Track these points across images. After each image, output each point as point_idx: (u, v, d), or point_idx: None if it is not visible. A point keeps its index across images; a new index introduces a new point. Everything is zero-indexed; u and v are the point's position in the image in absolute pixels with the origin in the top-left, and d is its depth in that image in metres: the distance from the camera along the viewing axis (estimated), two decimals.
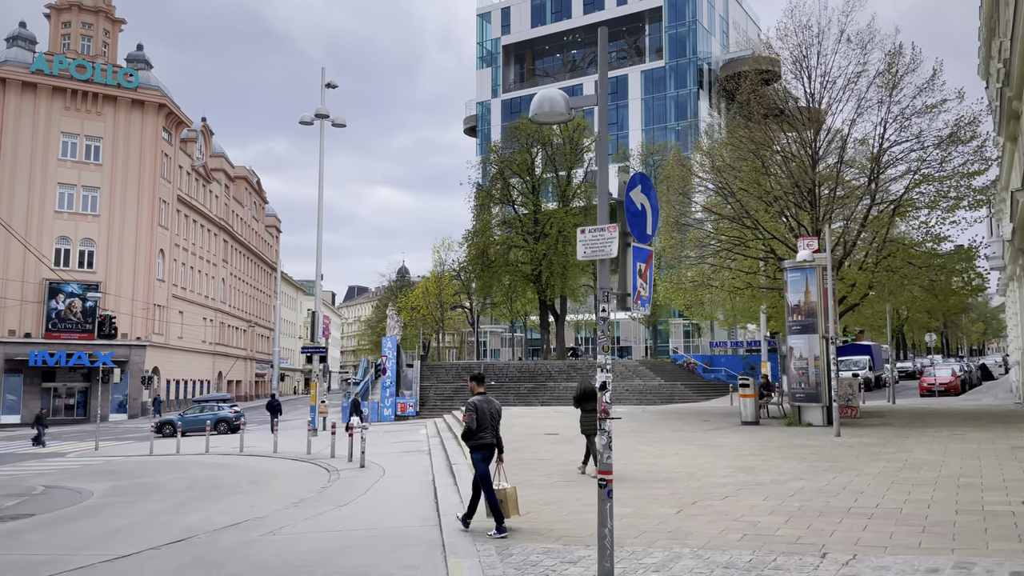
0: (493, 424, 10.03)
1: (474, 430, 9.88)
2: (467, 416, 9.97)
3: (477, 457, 9.94)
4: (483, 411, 9.96)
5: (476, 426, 9.86)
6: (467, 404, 10.06)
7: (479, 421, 9.89)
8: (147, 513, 14.05)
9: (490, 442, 9.99)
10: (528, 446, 18.87)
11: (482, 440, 9.93)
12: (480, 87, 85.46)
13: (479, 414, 9.90)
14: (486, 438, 9.95)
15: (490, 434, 9.97)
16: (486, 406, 10.03)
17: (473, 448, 10.00)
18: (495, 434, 10.06)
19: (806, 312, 22.24)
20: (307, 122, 32.67)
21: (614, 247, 7.44)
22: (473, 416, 9.88)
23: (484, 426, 9.92)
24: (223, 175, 77.04)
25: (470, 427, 9.89)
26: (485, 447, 9.96)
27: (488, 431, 9.95)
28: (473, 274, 55.52)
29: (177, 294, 63.74)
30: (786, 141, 26.78)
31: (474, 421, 9.87)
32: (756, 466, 14.36)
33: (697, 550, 8.36)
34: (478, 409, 9.91)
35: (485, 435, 9.94)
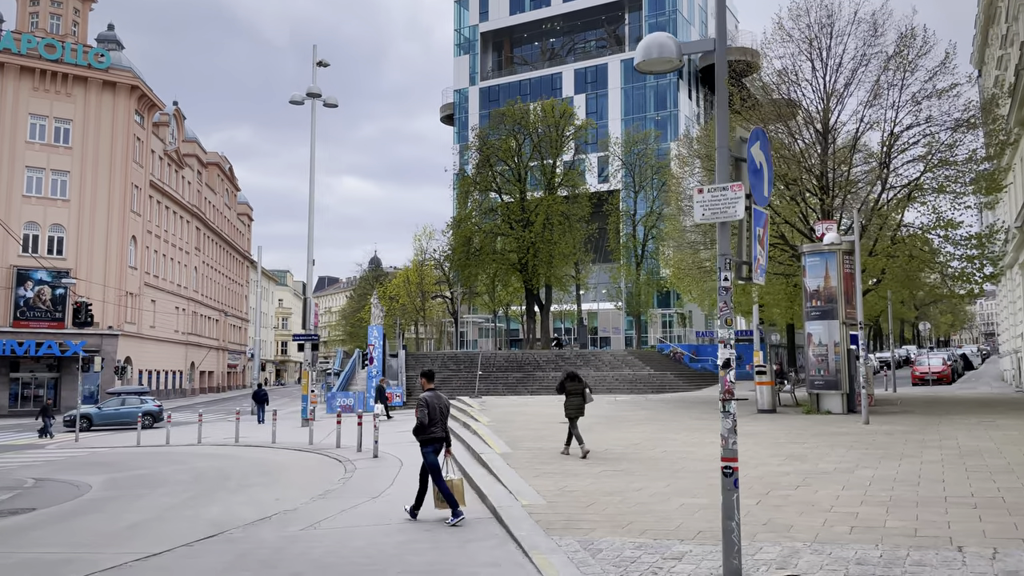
0: (443, 419, 10.37)
1: (426, 425, 10.20)
2: (419, 412, 10.26)
3: (428, 451, 10.24)
4: (434, 407, 10.31)
5: (428, 421, 10.20)
6: (418, 400, 10.38)
7: (430, 416, 10.22)
8: (159, 507, 13.06)
9: (440, 436, 10.33)
10: (550, 435, 18.10)
11: (433, 434, 10.27)
12: (457, 74, 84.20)
13: (430, 409, 10.24)
14: (437, 432, 10.28)
15: (440, 428, 10.31)
16: (436, 402, 10.38)
17: (424, 442, 10.29)
18: (444, 428, 10.42)
19: (826, 297, 21.70)
20: (297, 101, 31.56)
21: (740, 208, 6.67)
22: (425, 411, 10.20)
23: (435, 421, 10.25)
24: (195, 161, 75.16)
25: (422, 422, 10.21)
26: (436, 441, 10.31)
27: (439, 425, 10.29)
28: (458, 263, 54.56)
29: (149, 282, 62.01)
30: (796, 125, 26.19)
31: (426, 416, 10.19)
32: (806, 454, 13.72)
33: (811, 544, 7.65)
34: (429, 405, 10.25)
35: (436, 429, 10.27)
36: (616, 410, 25.05)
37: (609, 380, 43.74)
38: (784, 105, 26.60)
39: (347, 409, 40.55)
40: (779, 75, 26.28)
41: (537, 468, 13.33)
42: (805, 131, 25.89)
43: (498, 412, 23.88)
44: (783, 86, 26.43)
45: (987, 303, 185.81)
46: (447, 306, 68.99)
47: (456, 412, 25.77)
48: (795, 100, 26.21)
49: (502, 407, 26.42)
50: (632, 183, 60.17)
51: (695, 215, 6.94)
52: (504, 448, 15.86)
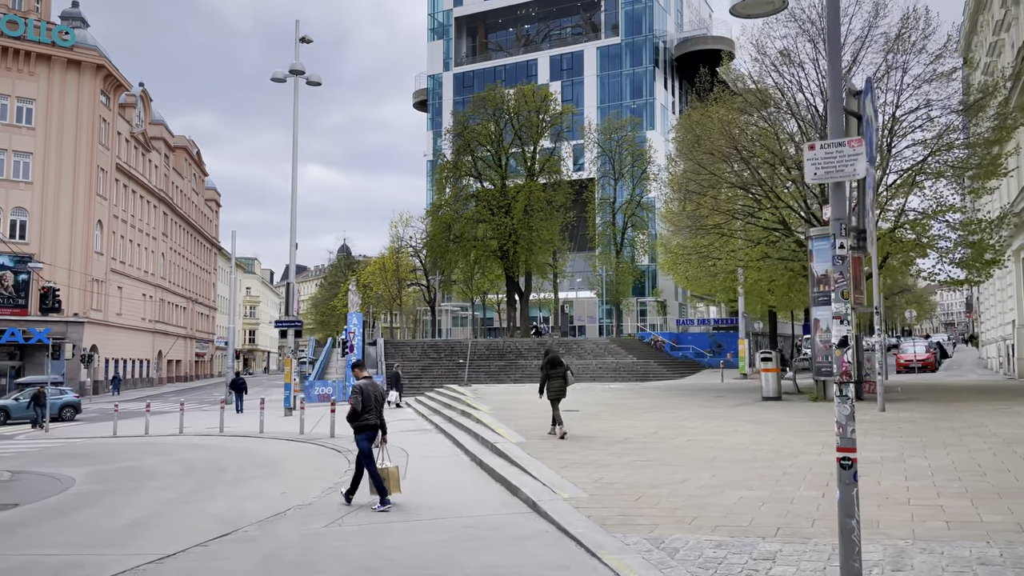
0: (377, 406, 10.50)
1: (360, 412, 10.34)
2: (353, 399, 10.36)
3: (361, 438, 10.33)
4: (368, 394, 10.45)
5: (362, 408, 10.34)
6: (352, 388, 10.49)
7: (364, 403, 10.37)
8: (156, 501, 12.09)
9: (374, 423, 10.42)
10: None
11: (367, 421, 10.36)
12: (431, 60, 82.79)
13: (364, 397, 10.39)
14: (370, 419, 10.38)
15: (374, 416, 10.43)
16: (371, 389, 10.54)
17: (358, 429, 10.40)
18: (379, 416, 10.53)
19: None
20: (279, 79, 30.40)
21: (859, 165, 5.93)
22: (359, 399, 10.34)
23: (369, 408, 10.38)
24: (163, 144, 73.18)
25: (356, 409, 10.33)
26: (370, 428, 10.39)
27: (372, 413, 10.42)
28: (437, 249, 53.54)
29: (116, 268, 60.20)
30: (796, 107, 25.61)
31: (359, 403, 10.33)
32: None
33: (914, 542, 6.98)
34: (364, 392, 10.41)
35: (370, 417, 10.38)
36: (615, 398, 24.38)
37: (592, 368, 43.15)
38: (769, 93, 26.08)
39: (325, 398, 39.55)
40: (781, 55, 25.63)
41: (561, 458, 12.57)
42: (807, 112, 25.32)
43: (494, 400, 23.09)
44: (783, 68, 25.81)
45: (949, 294, 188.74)
46: (423, 294, 67.88)
47: (450, 401, 24.96)
48: (793, 84, 25.61)
49: (496, 395, 25.64)
50: (612, 171, 59.51)
51: (806, 175, 6.18)
52: (517, 437, 15.08)
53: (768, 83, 26.13)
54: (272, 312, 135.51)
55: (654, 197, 62.68)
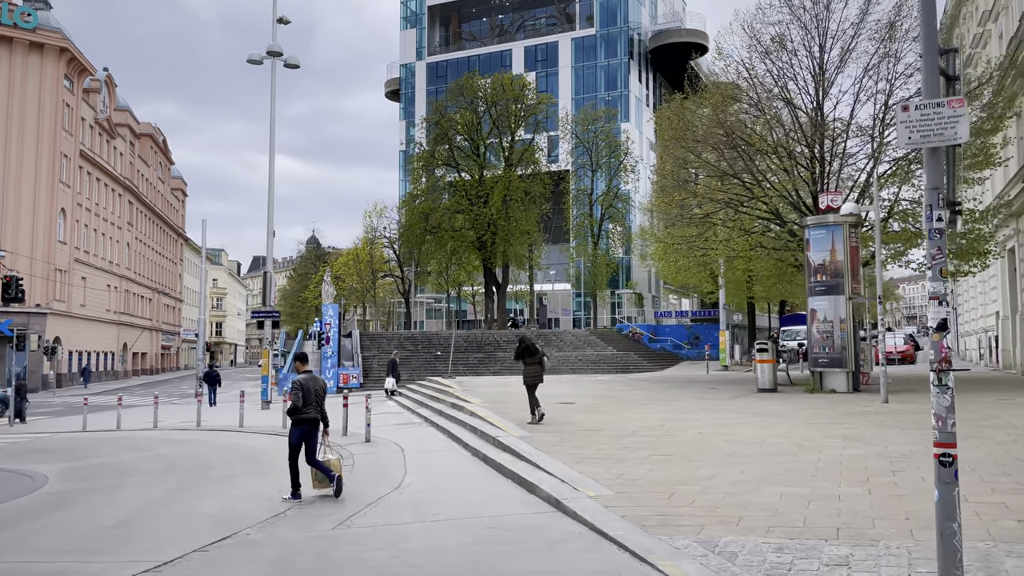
0: (317, 400, 10.56)
1: (299, 406, 10.39)
2: (292, 395, 10.45)
3: (294, 431, 10.46)
4: (308, 388, 10.51)
5: (302, 403, 10.39)
6: (292, 383, 10.56)
7: (304, 398, 10.42)
8: (141, 501, 11.27)
9: (313, 417, 10.51)
10: (557, 416, 16.69)
11: (306, 415, 10.43)
12: (404, 49, 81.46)
13: (304, 391, 10.46)
14: (309, 413, 10.45)
15: (313, 409, 10.49)
16: (311, 384, 10.60)
17: (296, 423, 10.48)
18: (319, 409, 10.60)
19: (831, 272, 20.76)
20: (256, 61, 29.39)
21: (962, 128, 5.33)
22: (299, 394, 10.41)
23: (309, 402, 10.44)
24: (128, 131, 71.34)
25: (295, 404, 10.40)
26: (308, 421, 10.47)
27: (311, 407, 10.47)
28: (414, 240, 52.60)
29: (80, 258, 58.56)
30: (789, 94, 25.20)
31: (300, 398, 10.39)
32: (861, 435, 12.63)
33: (995, 544, 6.47)
34: (304, 387, 10.48)
35: (308, 410, 10.44)
36: (607, 390, 23.82)
37: (572, 360, 42.62)
38: (760, 80, 25.67)
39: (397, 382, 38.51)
40: (772, 41, 25.19)
41: (572, 452, 11.94)
42: (799, 99, 24.93)
43: (484, 392, 22.40)
44: (775, 55, 25.37)
45: (911, 287, 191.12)
46: (397, 286, 66.88)
47: (436, 393, 24.25)
48: (787, 71, 25.20)
49: (483, 387, 24.94)
50: (589, 162, 58.94)
51: (899, 139, 5.56)
52: (518, 430, 14.42)
53: (759, 70, 25.69)
54: (239, 304, 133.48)
55: (631, 189, 62.37)
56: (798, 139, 25.13)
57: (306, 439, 10.50)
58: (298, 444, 10.47)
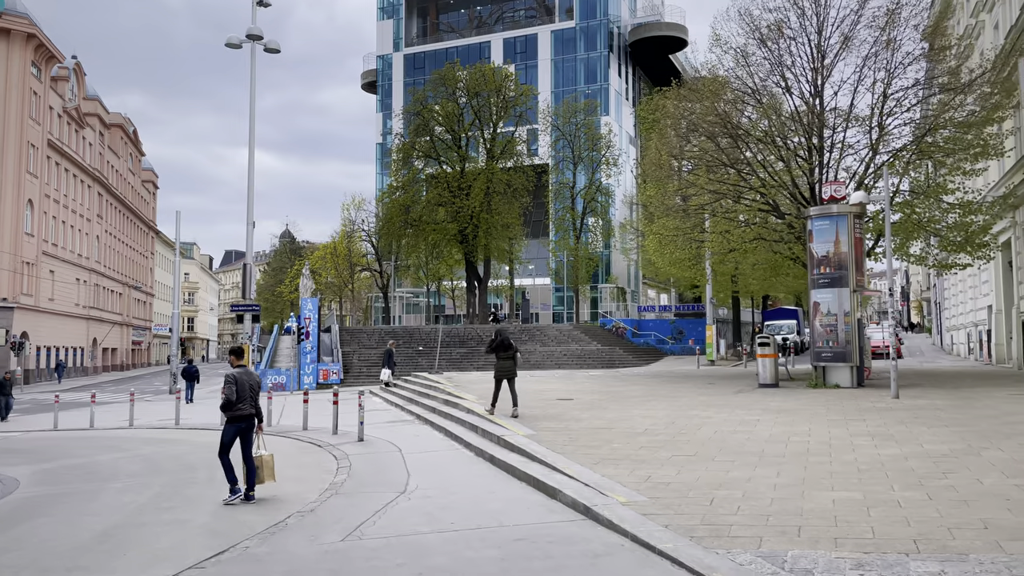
0: (252, 395, 10.28)
1: (233, 401, 10.08)
2: (226, 389, 10.12)
3: (228, 428, 10.14)
4: (242, 383, 10.17)
5: (236, 398, 10.08)
6: (225, 377, 10.24)
7: (238, 393, 10.12)
8: (124, 508, 10.36)
9: (248, 413, 10.22)
10: (561, 412, 15.98)
11: (240, 411, 10.14)
12: (381, 40, 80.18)
13: (238, 386, 10.14)
14: (244, 409, 10.17)
15: (248, 405, 10.21)
16: (245, 378, 10.25)
17: (231, 419, 10.17)
18: (253, 405, 10.31)
19: (835, 264, 20.18)
20: (235, 45, 28.24)
21: None
22: (232, 388, 10.10)
23: (243, 397, 10.15)
24: (97, 121, 69.53)
25: (229, 399, 10.08)
26: (244, 418, 10.19)
27: (246, 402, 10.19)
28: (394, 233, 51.57)
29: (48, 251, 56.90)
30: (787, 82, 24.61)
31: (233, 393, 10.09)
32: (888, 434, 12.01)
33: None
34: (237, 382, 10.15)
35: (243, 406, 10.16)
36: (602, 386, 23.11)
37: (557, 355, 41.96)
38: (755, 70, 25.07)
39: (279, 387, 37.66)
40: (770, 29, 24.58)
41: (587, 453, 11.21)
42: (797, 86, 24.35)
43: (476, 389, 21.56)
44: (771, 43, 24.76)
45: (880, 282, 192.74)
46: (375, 280, 65.78)
47: (425, 389, 23.41)
48: (787, 57, 24.60)
49: (474, 383, 24.10)
50: (571, 155, 58.21)
51: None
52: (524, 429, 13.66)
53: (757, 57, 25.07)
54: (211, 299, 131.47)
55: (612, 183, 61.75)
56: (795, 128, 24.57)
57: (242, 436, 10.28)
58: (231, 442, 10.20)
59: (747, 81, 24.82)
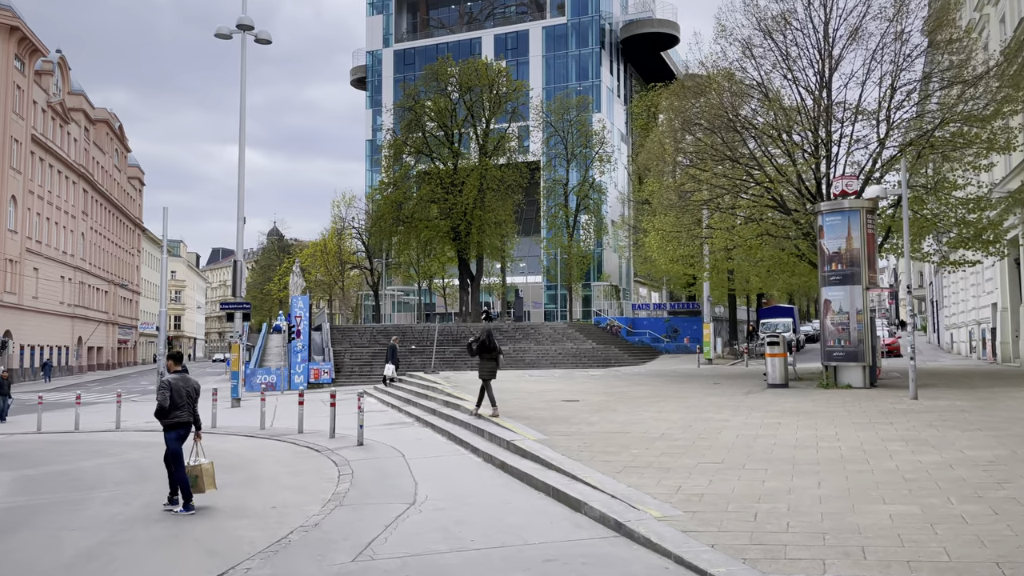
0: (190, 402, 9.90)
1: (167, 408, 9.68)
2: (160, 395, 9.72)
3: (171, 436, 9.74)
4: (178, 389, 9.77)
5: (170, 404, 9.67)
6: (160, 383, 9.79)
7: (173, 399, 9.69)
8: (111, 521, 9.62)
9: (186, 420, 9.85)
10: (570, 415, 15.31)
11: (178, 419, 9.76)
12: (370, 35, 79.24)
13: (173, 392, 9.72)
14: (182, 416, 9.79)
15: (186, 412, 9.83)
16: (182, 384, 9.85)
17: (168, 427, 9.78)
18: (191, 412, 9.93)
19: (847, 260, 19.59)
20: (224, 35, 27.51)
21: None
22: (167, 395, 9.68)
23: (179, 404, 9.75)
24: (82, 116, 68.39)
25: (163, 405, 9.68)
26: (181, 425, 9.81)
27: (184, 409, 9.81)
28: (385, 230, 50.75)
29: (32, 248, 55.82)
30: (792, 75, 24.00)
31: (167, 400, 9.66)
32: (921, 438, 11.40)
33: None
34: (172, 388, 9.73)
35: (181, 413, 9.78)
36: (606, 386, 22.44)
37: (552, 354, 41.31)
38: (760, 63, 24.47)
39: (269, 387, 36.85)
40: (775, 20, 23.97)
41: (607, 460, 10.55)
42: (804, 77, 23.75)
43: (476, 389, 20.79)
44: (777, 34, 24.15)
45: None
46: (365, 278, 64.94)
47: (422, 390, 22.69)
48: (793, 47, 23.99)
49: (472, 383, 23.19)
50: (564, 152, 57.54)
51: None
52: (535, 433, 12.99)
53: (762, 49, 24.46)
54: (198, 297, 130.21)
55: (606, 180, 61.12)
56: (801, 121, 23.99)
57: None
58: (180, 448, 9.79)
59: (752, 73, 24.23)
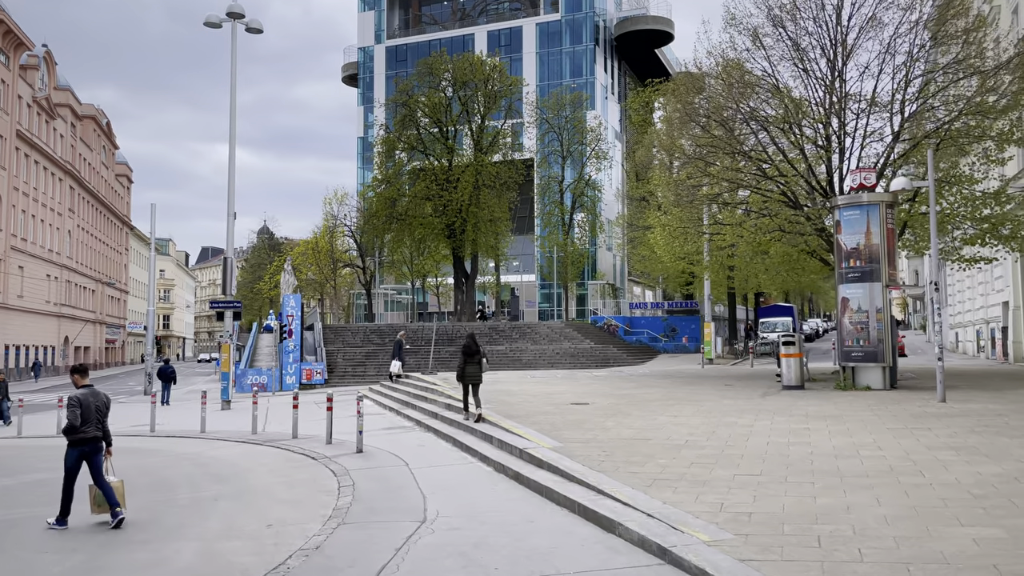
0: (99, 417, 9.49)
1: (77, 426, 9.24)
2: (69, 413, 9.28)
3: (73, 452, 9.30)
4: (87, 405, 9.35)
5: (80, 421, 9.24)
6: (69, 399, 9.39)
7: (83, 416, 9.28)
8: (93, 540, 8.67)
9: (94, 435, 9.39)
10: (582, 420, 14.40)
11: (85, 435, 9.30)
12: (362, 32, 78.09)
13: (83, 409, 9.28)
14: (90, 432, 9.34)
15: (94, 427, 9.38)
16: (91, 399, 9.44)
17: (74, 443, 9.31)
18: (101, 427, 9.51)
19: (866, 257, 18.78)
20: (214, 24, 26.53)
21: None
22: (76, 411, 9.26)
23: (88, 420, 9.32)
24: (69, 112, 67.13)
25: (72, 424, 9.25)
26: (88, 441, 9.35)
27: (92, 425, 9.36)
28: (379, 227, 49.74)
29: (17, 246, 54.61)
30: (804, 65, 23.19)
31: (77, 417, 9.25)
32: (970, 446, 10.58)
33: None
34: (82, 403, 9.29)
35: (89, 429, 9.33)
36: (613, 388, 21.55)
37: (550, 354, 40.45)
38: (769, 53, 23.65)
39: (260, 388, 35.83)
40: (783, 9, 23.17)
41: (633, 471, 9.69)
42: (816, 67, 22.95)
43: (480, 392, 19.89)
44: (788, 23, 23.34)
45: None
46: (358, 276, 63.88)
47: (421, 392, 21.77)
48: (802, 35, 23.19)
49: None
50: (560, 148, 56.62)
51: None
52: (549, 441, 12.10)
53: (772, 39, 23.65)
54: (187, 296, 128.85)
55: (602, 177, 60.24)
56: (812, 113, 23.20)
57: (88, 459, 9.35)
58: (76, 467, 9.31)
59: (762, 64, 23.41)
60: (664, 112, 26.74)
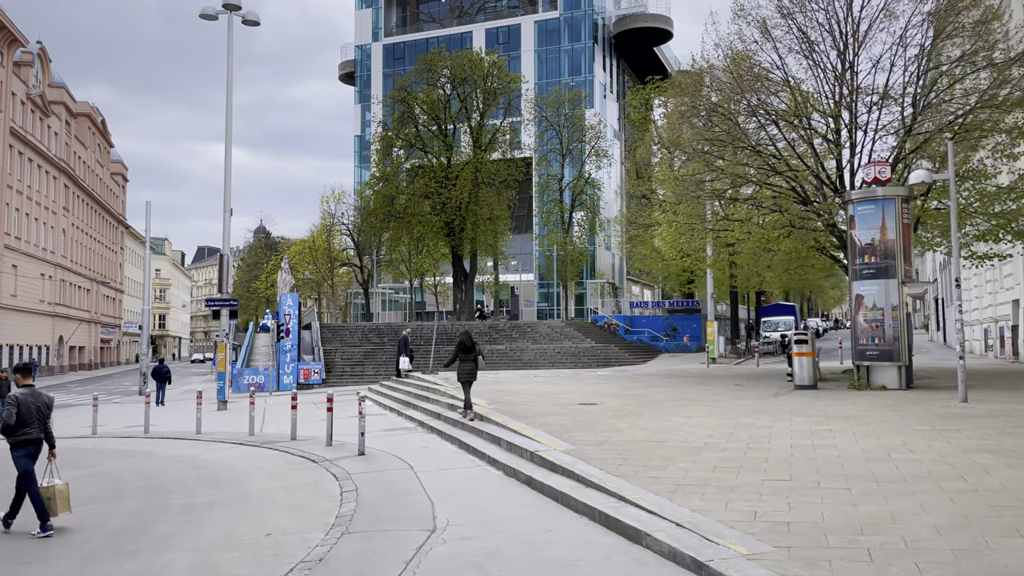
0: (40, 418, 9.28)
1: (13, 426, 9.02)
2: (6, 412, 9.06)
3: (20, 454, 9.07)
4: (27, 405, 9.15)
5: (16, 421, 9.01)
6: (8, 399, 9.24)
7: (21, 416, 9.05)
8: (79, 551, 8.13)
9: (36, 437, 9.21)
10: (593, 421, 13.84)
11: (27, 436, 9.11)
12: (359, 29, 77.49)
13: (21, 409, 9.08)
14: (32, 433, 9.16)
15: (36, 429, 9.20)
16: (32, 400, 9.24)
17: (16, 445, 9.10)
18: (43, 428, 9.33)
19: (882, 253, 18.25)
20: (210, 16, 25.96)
21: None
22: (13, 411, 9.02)
23: (29, 421, 9.12)
24: (63, 110, 66.38)
25: (8, 423, 9.00)
26: (31, 443, 9.18)
27: (34, 426, 9.17)
28: (377, 226, 49.12)
29: (10, 245, 53.91)
30: (814, 58, 22.67)
31: (13, 417, 8.99)
32: (1008, 449, 10.05)
33: None
34: (20, 403, 9.10)
35: (31, 430, 9.15)
36: (621, 388, 21.00)
37: (550, 353, 39.90)
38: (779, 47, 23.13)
39: (257, 388, 35.26)
40: (796, 0, 22.66)
41: (653, 476, 9.14)
42: (826, 59, 22.43)
43: (482, 391, 19.38)
44: (798, 14, 22.83)
45: None
46: (355, 275, 63.26)
47: (423, 392, 21.20)
48: (813, 26, 22.68)
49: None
50: (559, 147, 56.05)
51: None
52: (559, 443, 11.55)
53: (779, 31, 23.12)
54: (183, 296, 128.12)
55: (602, 175, 59.69)
56: (822, 106, 22.68)
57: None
58: (30, 467, 9.07)
59: (771, 56, 22.89)
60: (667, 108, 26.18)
